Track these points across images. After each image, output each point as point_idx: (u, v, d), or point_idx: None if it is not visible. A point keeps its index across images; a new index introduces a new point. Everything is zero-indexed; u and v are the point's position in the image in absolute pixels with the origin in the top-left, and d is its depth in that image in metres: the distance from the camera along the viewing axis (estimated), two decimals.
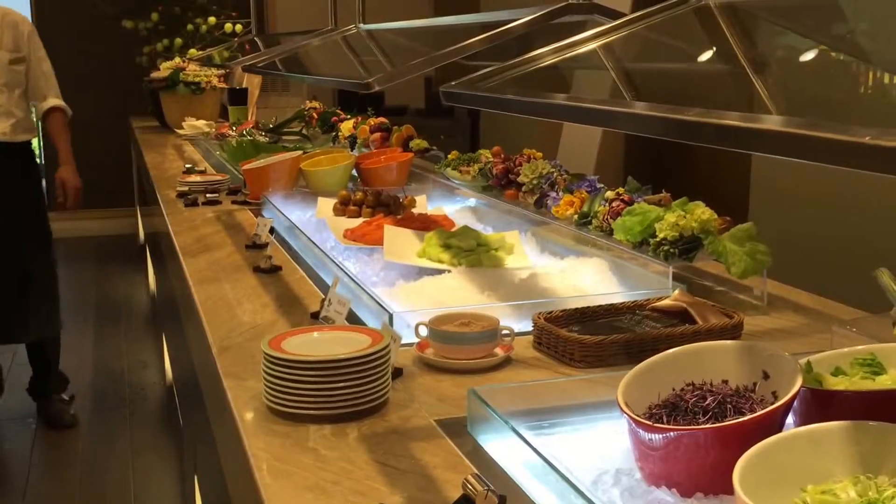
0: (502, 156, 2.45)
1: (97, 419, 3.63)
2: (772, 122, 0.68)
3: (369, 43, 2.36)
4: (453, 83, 1.07)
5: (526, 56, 1.12)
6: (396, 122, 3.61)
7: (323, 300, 1.64)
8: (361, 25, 2.56)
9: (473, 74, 1.08)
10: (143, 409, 3.72)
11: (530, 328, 1.50)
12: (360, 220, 2.38)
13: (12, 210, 3.44)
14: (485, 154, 2.62)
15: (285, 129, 4.18)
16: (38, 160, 3.64)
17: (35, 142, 3.68)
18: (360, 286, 1.68)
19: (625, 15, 1.34)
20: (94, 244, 6.50)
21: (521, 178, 2.25)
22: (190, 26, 5.53)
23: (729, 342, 1.12)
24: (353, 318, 1.60)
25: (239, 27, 5.41)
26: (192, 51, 5.27)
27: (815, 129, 0.58)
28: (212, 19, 5.50)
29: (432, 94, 5.57)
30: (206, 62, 4.34)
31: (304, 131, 4.18)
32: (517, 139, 4.55)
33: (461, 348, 1.38)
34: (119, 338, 4.60)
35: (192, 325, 1.87)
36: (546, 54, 1.13)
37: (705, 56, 1.19)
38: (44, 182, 4.05)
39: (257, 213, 2.61)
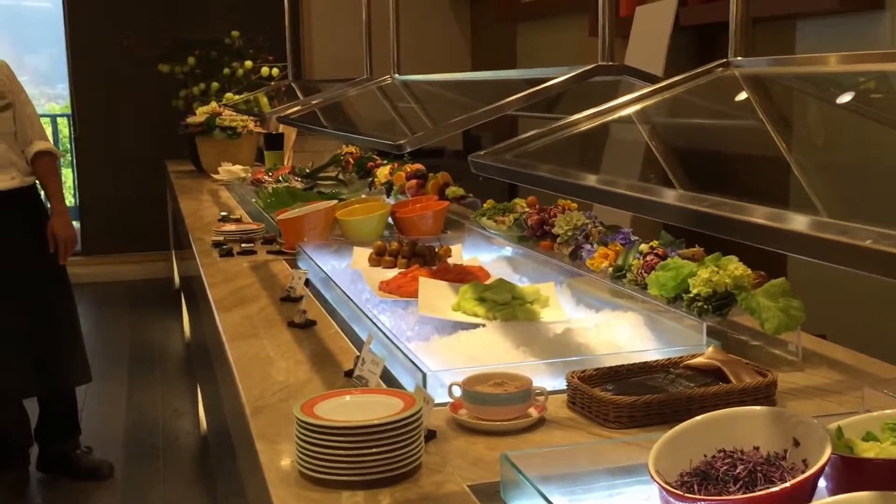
0: (537, 206, 2.50)
1: (130, 469, 3.70)
2: (798, 223, 0.72)
3: (405, 94, 2.43)
4: (482, 152, 1.12)
5: (560, 123, 1.17)
6: (433, 165, 3.68)
7: (357, 358, 1.69)
8: (396, 76, 2.64)
9: (507, 142, 1.13)
10: (177, 460, 3.79)
11: (564, 385, 1.54)
12: (395, 271, 2.43)
13: (29, 256, 3.48)
14: (520, 204, 2.67)
15: (321, 175, 4.27)
16: (43, 202, 3.64)
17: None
18: (394, 344, 1.72)
19: (654, 76, 1.39)
20: (128, 289, 6.65)
21: (555, 230, 2.30)
22: (226, 70, 5.68)
23: (760, 408, 1.15)
24: (387, 375, 1.64)
25: (275, 71, 5.55)
26: (229, 94, 5.41)
27: (844, 234, 0.61)
28: (248, 63, 5.65)
29: (470, 137, 5.65)
30: (245, 109, 4.46)
31: (339, 176, 4.27)
32: None
33: (495, 409, 1.42)
34: (153, 385, 4.69)
35: (226, 381, 1.93)
36: (580, 121, 1.18)
37: (736, 126, 1.23)
38: None
39: (292, 264, 2.68)
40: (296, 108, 2.79)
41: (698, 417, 1.13)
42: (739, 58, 1.17)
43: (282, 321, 2.09)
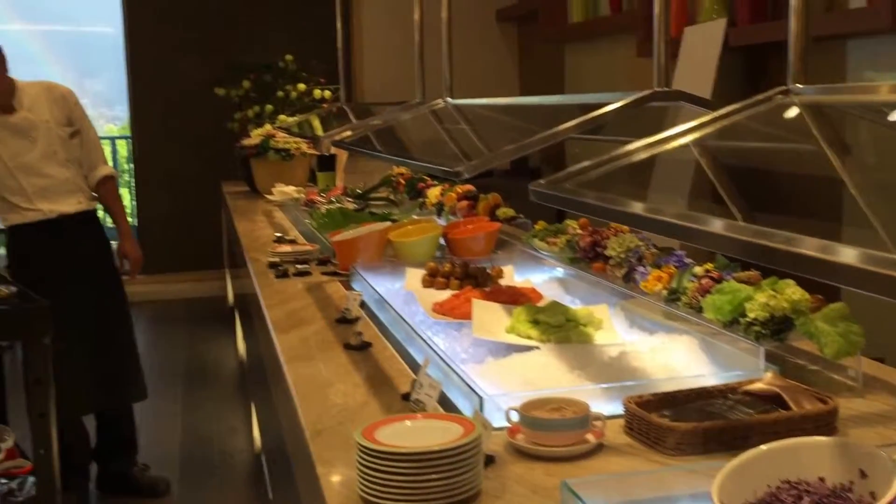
0: (589, 228, 2.48)
1: (186, 486, 3.74)
2: (847, 255, 0.71)
3: (458, 119, 2.44)
4: (542, 181, 1.12)
5: (619, 152, 1.16)
6: (483, 185, 3.68)
7: (413, 381, 1.69)
8: (449, 100, 2.65)
9: (566, 171, 1.13)
10: (232, 477, 3.82)
11: (621, 410, 1.52)
12: (448, 293, 2.44)
13: (91, 277, 3.56)
14: (571, 226, 2.66)
15: (372, 196, 4.30)
16: (103, 225, 3.73)
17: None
18: (450, 367, 1.72)
19: (709, 102, 1.37)
20: (183, 306, 6.74)
21: (608, 252, 2.28)
22: (280, 93, 5.75)
23: (824, 439, 1.13)
24: (443, 398, 1.64)
25: (327, 93, 5.61)
26: (282, 116, 5.48)
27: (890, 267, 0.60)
28: (301, 86, 5.72)
29: (518, 158, 5.64)
30: (298, 132, 4.51)
31: (391, 197, 4.29)
32: None
33: (553, 435, 1.41)
34: (208, 402, 4.75)
35: (284, 402, 1.94)
36: (639, 149, 1.17)
37: (798, 156, 1.22)
38: None
39: (347, 285, 2.69)
40: (350, 132, 2.81)
41: (762, 447, 1.11)
42: (799, 85, 1.15)
43: (338, 343, 2.10)
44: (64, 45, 13.97)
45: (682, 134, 1.18)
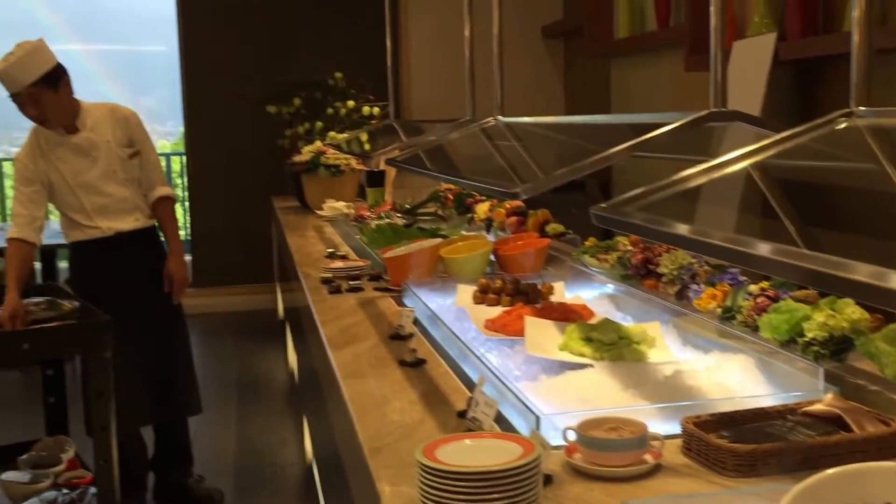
0: (641, 245, 2.47)
1: (239, 498, 3.77)
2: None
3: (511, 137, 2.44)
4: (604, 205, 1.12)
5: (680, 176, 1.15)
6: (529, 200, 3.68)
7: (469, 399, 1.69)
8: (500, 118, 2.65)
9: (628, 195, 1.12)
10: (284, 489, 3.84)
11: (677, 430, 1.51)
12: (499, 309, 2.44)
13: (149, 292, 3.62)
14: (622, 242, 2.64)
15: (421, 211, 4.32)
16: (161, 242, 3.79)
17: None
18: (506, 386, 1.72)
19: (768, 122, 1.36)
20: (235, 319, 6.82)
21: (660, 269, 2.27)
22: (330, 110, 5.81)
23: (891, 464, 1.10)
24: (498, 415, 1.64)
25: (376, 110, 5.65)
26: (332, 133, 5.53)
27: None
28: (350, 103, 5.77)
29: None
30: (349, 149, 4.55)
31: (439, 212, 4.31)
32: None
33: (611, 455, 1.40)
34: (259, 414, 4.79)
35: (340, 418, 1.95)
36: (700, 173, 1.16)
37: (863, 183, 1.20)
38: None
39: (399, 301, 2.70)
40: (403, 150, 2.82)
41: (829, 471, 1.08)
42: (862, 108, 1.14)
43: (392, 359, 2.11)
44: (119, 63, 14.27)
45: (743, 157, 1.16)
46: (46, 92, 3.34)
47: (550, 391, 1.80)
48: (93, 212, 3.48)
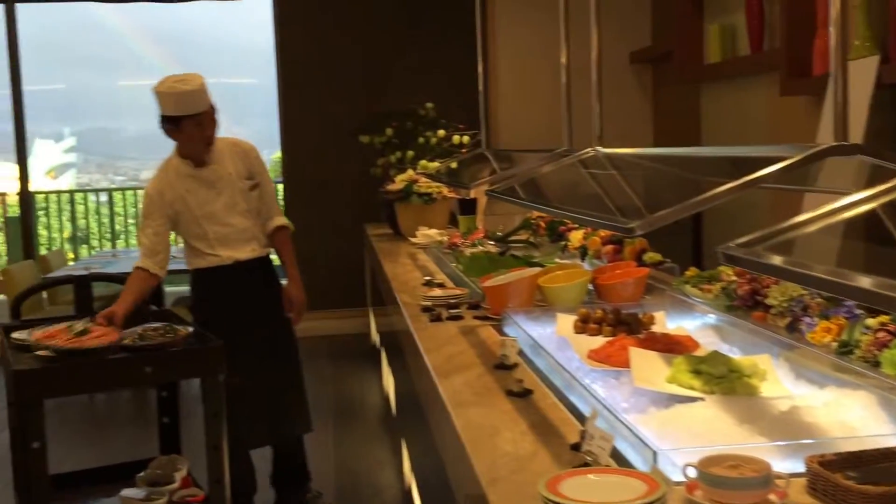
0: (747, 276, 2.41)
1: None
2: None
3: (611, 169, 2.42)
4: (733, 244, 1.10)
5: (812, 215, 1.12)
6: None
7: (582, 432, 1.67)
8: (599, 149, 2.63)
9: (758, 234, 1.10)
10: None
11: (798, 468, 1.46)
12: (601, 339, 2.41)
13: (265, 316, 3.72)
14: (725, 272, 2.59)
15: (512, 239, 4.32)
16: (275, 270, 3.89)
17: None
18: (619, 420, 1.69)
19: (891, 156, 1.31)
20: (329, 343, 6.90)
21: (769, 301, 2.21)
22: (421, 139, 5.87)
23: None
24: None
25: (466, 139, 5.69)
26: (423, 162, 5.58)
27: None
28: (441, 132, 5.82)
29: None
30: (447, 179, 4.58)
31: (530, 240, 4.29)
32: None
33: (734, 493, 1.36)
34: (356, 437, 4.82)
35: (451, 446, 1.95)
36: (833, 212, 1.12)
37: None
38: None
39: (499, 329, 2.70)
40: (502, 180, 2.83)
41: None
42: None
43: (498, 389, 2.10)
44: (214, 95, 14.74)
45: (877, 196, 1.13)
46: (215, 115, 3.54)
47: (662, 425, 1.76)
48: (214, 241, 3.60)
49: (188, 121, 3.45)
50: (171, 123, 3.47)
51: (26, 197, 7.45)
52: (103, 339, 2.96)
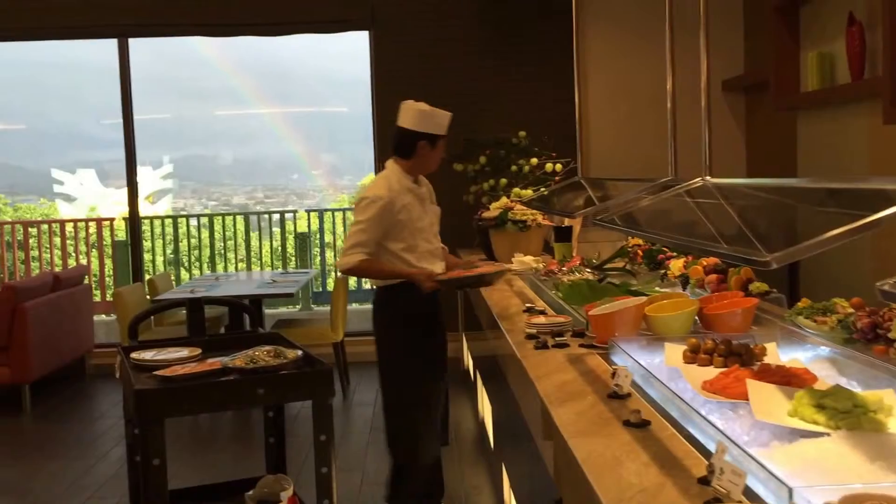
0: (867, 309, 2.34)
1: None
2: None
3: (722, 199, 2.38)
4: (892, 281, 1.07)
5: None
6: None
7: (710, 465, 1.64)
8: (709, 179, 2.60)
9: None
10: None
11: None
12: (712, 369, 2.37)
13: (444, 330, 3.99)
14: (840, 304, 2.51)
15: (609, 266, 4.28)
16: None
17: None
18: (749, 455, 1.65)
19: None
20: None
21: (892, 335, 2.13)
22: (513, 167, 5.88)
23: None
24: None
25: (558, 166, 5.68)
26: (516, 189, 5.59)
27: None
28: (533, 160, 5.83)
29: None
30: (539, 206, 4.58)
31: (627, 267, 4.25)
32: (843, 279, 4.31)
33: None
34: (451, 460, 4.81)
35: (571, 477, 1.93)
36: None
37: None
38: None
39: (605, 357, 2.67)
40: (609, 209, 2.81)
41: None
42: None
43: (614, 419, 2.08)
44: (303, 123, 15.08)
45: None
46: None
47: (788, 460, 1.71)
48: (422, 255, 3.77)
49: (441, 141, 3.78)
50: (429, 141, 3.76)
51: (135, 221, 7.71)
52: (214, 364, 3.05)
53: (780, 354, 2.52)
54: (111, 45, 7.44)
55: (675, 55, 3.01)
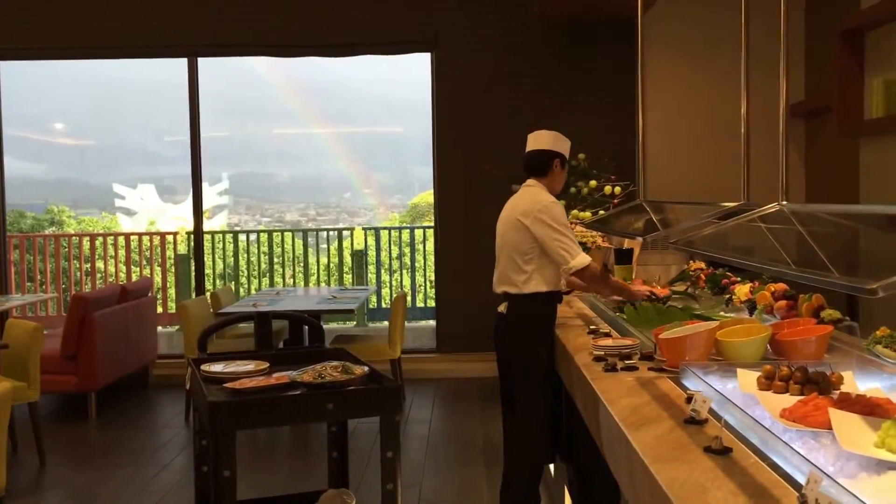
0: None
1: None
2: None
3: (799, 225, 2.32)
4: None
5: None
6: (796, 285, 3.49)
7: (801, 496, 1.59)
8: (786, 203, 2.54)
9: None
10: None
11: None
12: (788, 397, 2.30)
13: None
14: None
15: (672, 290, 4.21)
16: None
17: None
18: (842, 487, 1.60)
19: None
20: (477, 385, 6.92)
21: None
22: (573, 189, 5.84)
23: None
24: None
25: (618, 189, 5.63)
26: (574, 212, 5.55)
27: None
28: (592, 183, 5.78)
29: None
30: (600, 227, 4.54)
31: (689, 291, 4.18)
32: None
33: None
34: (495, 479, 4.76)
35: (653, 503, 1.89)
36: None
37: None
38: None
39: (676, 381, 2.62)
40: (682, 232, 2.76)
41: None
42: None
43: (694, 445, 2.03)
44: (358, 143, 15.22)
45: None
46: None
47: (879, 492, 1.66)
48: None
49: (566, 164, 4.06)
50: (561, 161, 4.00)
51: (199, 236, 7.82)
52: (282, 378, 3.05)
53: (858, 384, 2.45)
54: (179, 64, 7.58)
55: (737, 81, 2.96)
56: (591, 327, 3.57)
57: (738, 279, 3.90)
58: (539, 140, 4.04)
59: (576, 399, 3.13)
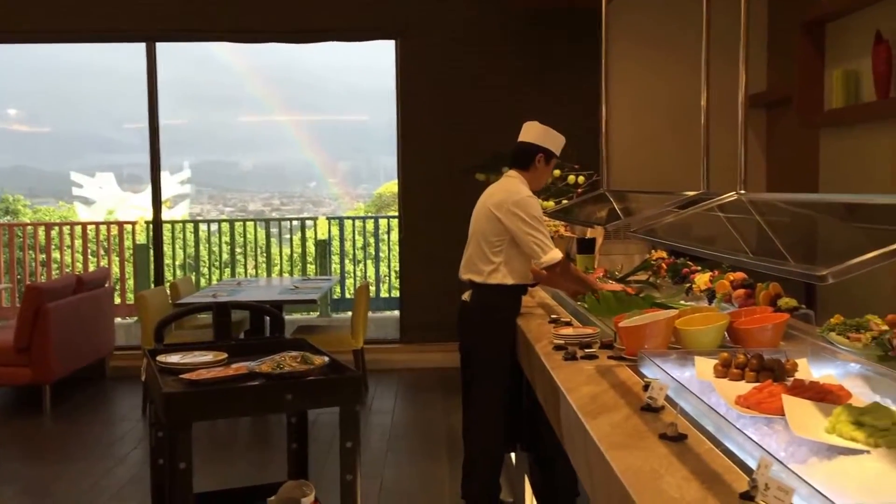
0: None
1: None
2: None
3: (757, 214, 2.36)
4: None
5: None
6: (754, 273, 3.54)
7: (752, 480, 1.61)
8: (744, 193, 2.57)
9: None
10: None
11: None
12: (744, 384, 2.34)
13: None
14: (874, 321, 2.49)
15: (632, 279, 4.25)
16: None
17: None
18: (792, 472, 1.63)
19: None
20: (440, 376, 6.93)
21: None
22: None
23: None
24: None
25: (581, 178, 5.65)
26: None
27: None
28: (556, 172, 5.80)
29: None
30: (562, 217, 4.56)
31: (650, 280, 4.22)
32: (862, 297, 4.27)
33: None
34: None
35: (609, 491, 1.91)
36: None
37: None
38: None
39: (635, 370, 2.65)
40: (644, 222, 2.79)
41: None
42: None
43: (649, 432, 2.06)
44: (319, 131, 15.14)
45: None
46: None
47: (828, 477, 1.69)
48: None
49: (554, 160, 4.04)
50: (545, 156, 3.98)
51: (158, 225, 7.73)
52: (241, 369, 3.04)
53: (813, 371, 2.50)
54: (138, 51, 7.47)
55: (701, 71, 3.00)
56: (553, 316, 3.60)
57: (699, 268, 3.94)
58: (528, 132, 4.04)
59: (536, 388, 3.15)
